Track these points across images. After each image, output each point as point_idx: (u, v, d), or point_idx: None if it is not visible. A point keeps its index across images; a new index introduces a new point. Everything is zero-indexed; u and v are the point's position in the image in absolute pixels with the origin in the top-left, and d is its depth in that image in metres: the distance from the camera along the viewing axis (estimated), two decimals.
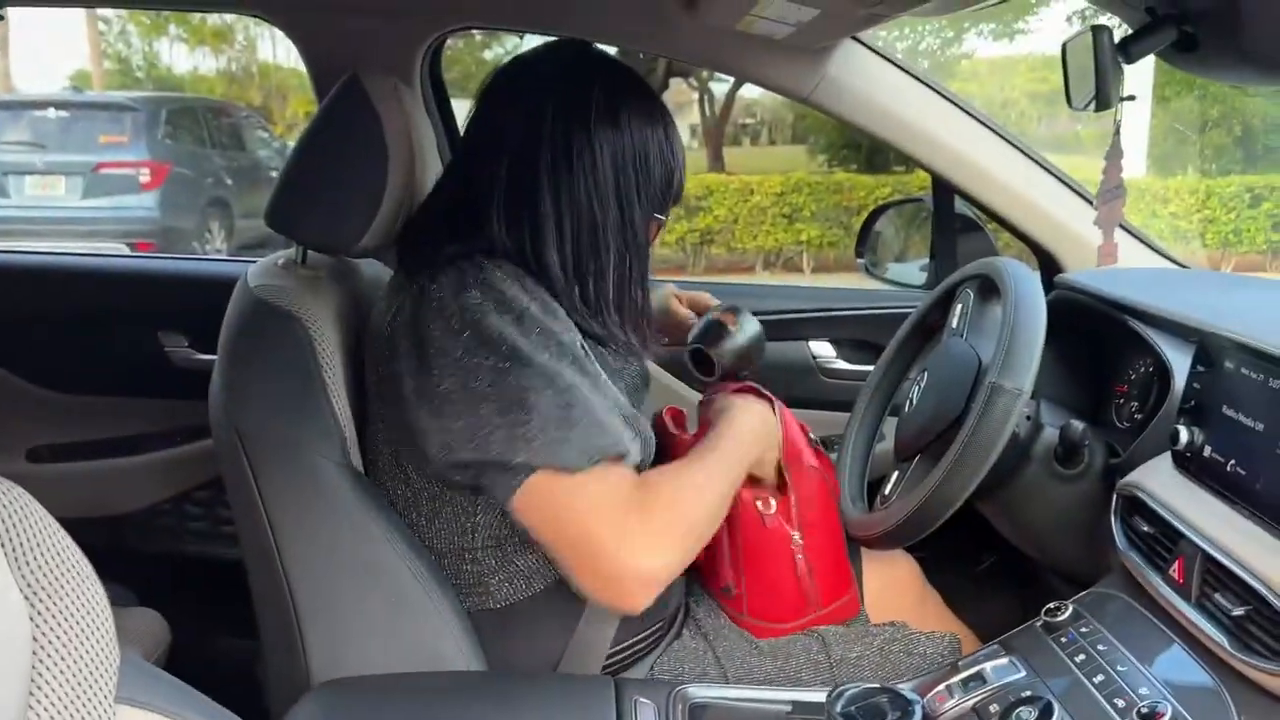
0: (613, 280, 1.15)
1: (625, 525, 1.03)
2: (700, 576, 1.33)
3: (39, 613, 0.65)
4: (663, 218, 1.21)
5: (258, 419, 1.12)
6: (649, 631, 1.22)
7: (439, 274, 1.08)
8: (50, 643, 0.65)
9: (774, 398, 1.31)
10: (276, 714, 1.10)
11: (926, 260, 1.89)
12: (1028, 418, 1.21)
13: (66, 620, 0.66)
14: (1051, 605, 1.08)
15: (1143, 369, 1.32)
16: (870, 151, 10.61)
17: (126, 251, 6.47)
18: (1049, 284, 1.44)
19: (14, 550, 0.64)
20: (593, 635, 1.16)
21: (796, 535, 1.25)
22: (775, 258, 9.26)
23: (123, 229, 7.52)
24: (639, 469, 1.11)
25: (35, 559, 0.66)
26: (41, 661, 0.64)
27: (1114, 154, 1.09)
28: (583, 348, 1.10)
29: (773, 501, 1.24)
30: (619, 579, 1.03)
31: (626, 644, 1.20)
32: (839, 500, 1.35)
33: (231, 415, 1.13)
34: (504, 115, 1.17)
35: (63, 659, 0.65)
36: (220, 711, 0.76)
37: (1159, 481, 1.07)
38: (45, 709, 0.63)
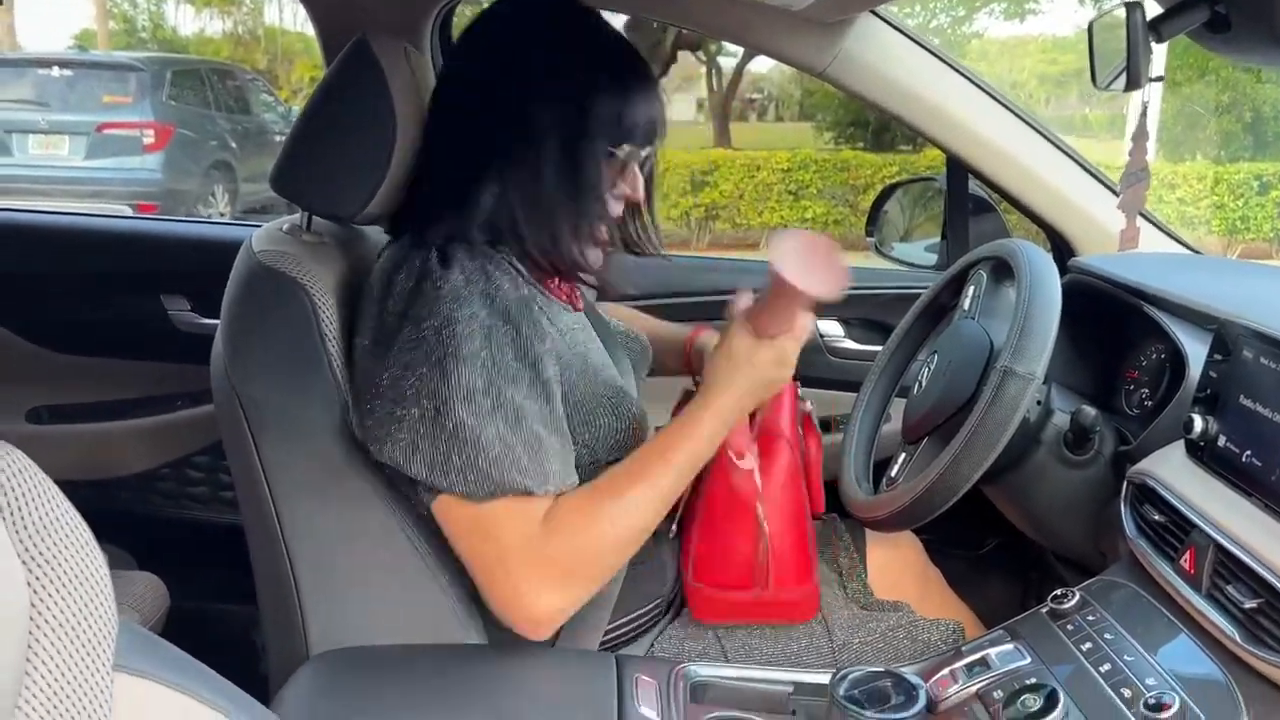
0: (566, 221, 1.11)
1: (517, 564, 1.03)
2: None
3: (36, 578, 0.63)
4: (620, 152, 1.13)
5: (259, 385, 1.11)
6: (648, 609, 1.21)
7: (408, 259, 1.07)
8: (48, 609, 0.63)
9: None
10: (275, 683, 1.09)
11: (937, 240, 1.87)
12: (1038, 402, 1.19)
13: (65, 587, 0.65)
14: (1058, 592, 1.07)
15: (1155, 355, 1.31)
16: (877, 130, 10.56)
17: (129, 213, 6.44)
18: (1062, 267, 1.42)
19: (12, 515, 0.63)
20: (590, 611, 1.15)
21: (760, 507, 1.20)
22: None
23: (126, 190, 7.48)
24: (620, 451, 1.13)
25: (33, 524, 0.64)
26: (39, 628, 0.63)
27: (1140, 136, 1.07)
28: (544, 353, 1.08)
29: (749, 459, 1.19)
30: (509, 614, 1.05)
31: (625, 621, 1.19)
32: (842, 482, 1.33)
33: (233, 381, 1.12)
34: (463, 74, 1.17)
35: (60, 627, 0.64)
36: (219, 681, 0.75)
37: (1171, 470, 1.06)
38: (41, 677, 0.62)
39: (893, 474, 1.28)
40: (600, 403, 1.14)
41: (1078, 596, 1.06)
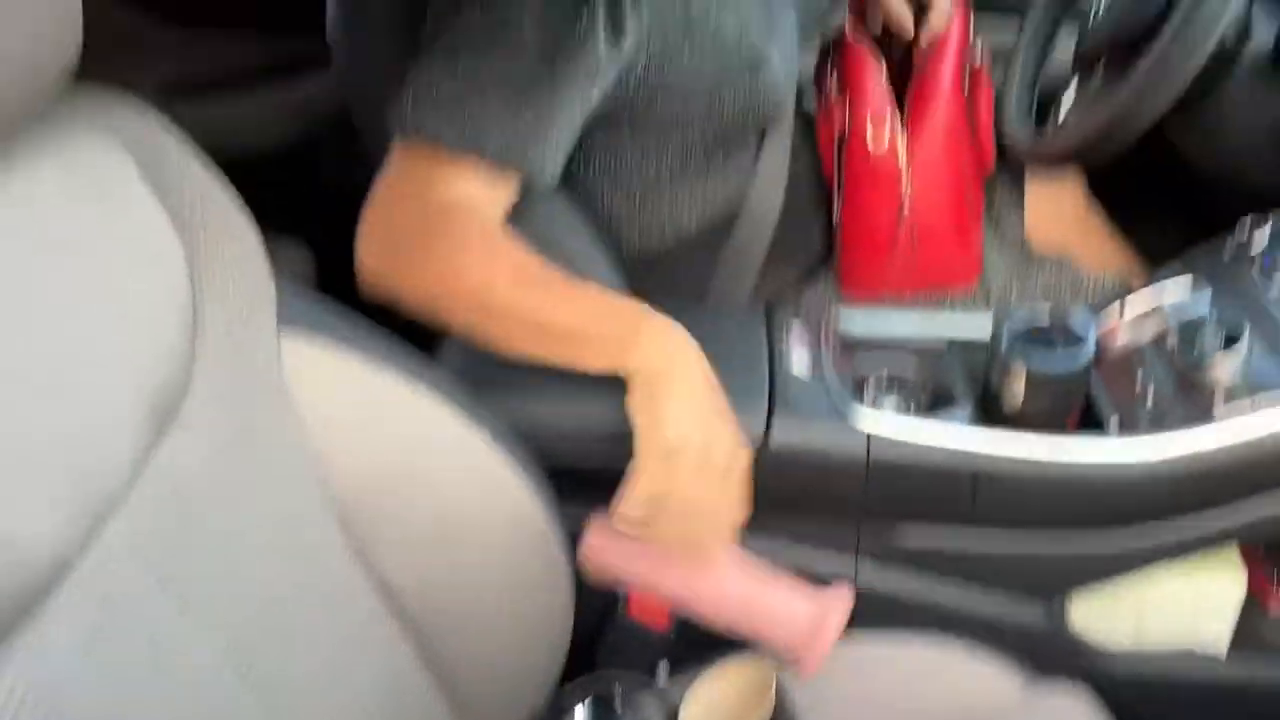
0: None
1: (397, 218, 0.88)
2: None
3: (189, 241, 0.63)
4: None
5: (376, 47, 1.05)
6: (797, 268, 1.17)
7: None
8: (205, 272, 0.63)
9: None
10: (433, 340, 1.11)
11: None
12: (1236, 19, 1.05)
13: (218, 249, 0.65)
14: (1245, 219, 0.99)
15: None
16: None
17: None
18: None
19: (159, 180, 0.62)
20: (732, 283, 1.12)
21: (907, 179, 1.12)
22: None
23: None
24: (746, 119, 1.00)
25: (181, 189, 0.63)
26: (200, 291, 0.63)
27: None
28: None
29: (886, 134, 1.11)
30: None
31: (774, 279, 1.16)
32: (1002, 116, 1.22)
33: (350, 45, 1.07)
34: None
35: (219, 288, 0.64)
36: (383, 336, 0.75)
37: None
38: (210, 340, 0.63)
39: (1064, 107, 1.17)
40: (716, 65, 0.97)
41: (1268, 228, 0.98)
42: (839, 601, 0.84)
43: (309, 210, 1.71)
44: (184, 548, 0.57)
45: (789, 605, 0.84)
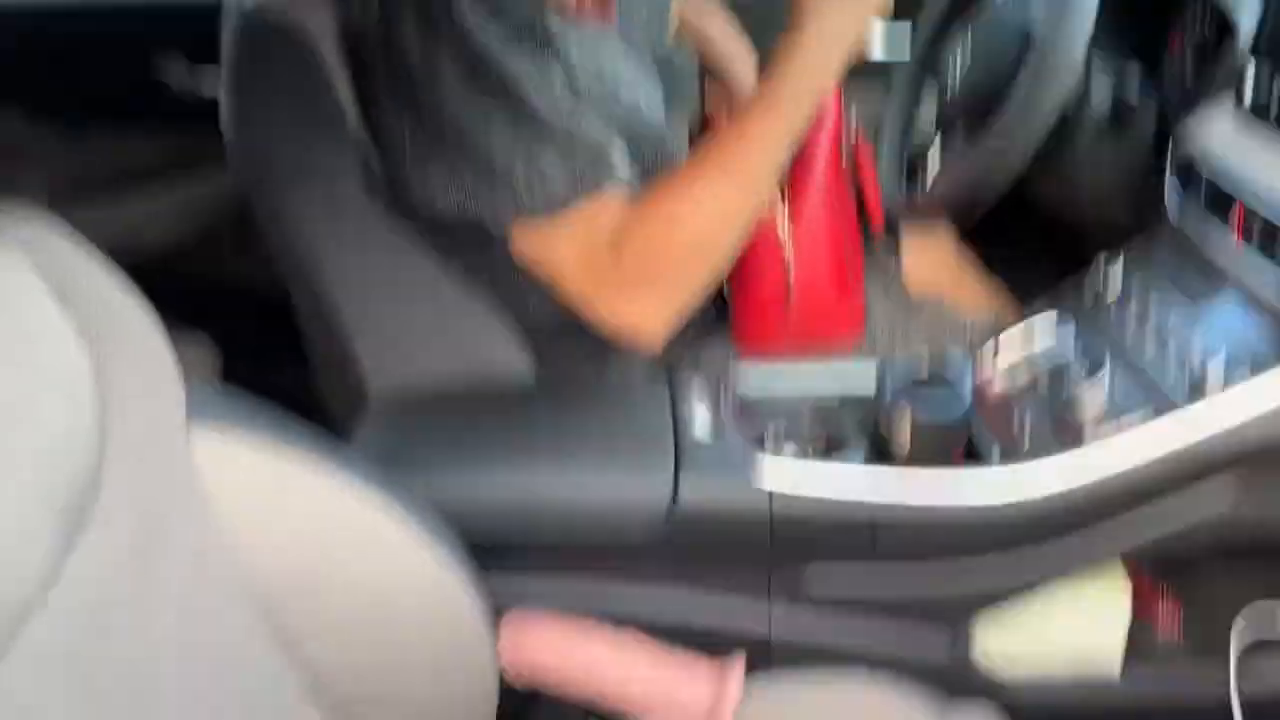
0: None
1: (601, 275, 0.98)
2: None
3: (95, 351, 0.64)
4: None
5: (274, 144, 1.08)
6: (691, 335, 1.22)
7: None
8: (113, 379, 0.64)
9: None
10: (339, 429, 1.12)
11: None
12: (1080, 79, 1.14)
13: (125, 354, 0.66)
14: (1099, 258, 1.07)
15: (1200, 22, 1.24)
16: None
17: None
18: None
19: (65, 291, 0.63)
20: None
21: (789, 248, 1.16)
22: None
23: None
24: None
25: (87, 298, 0.64)
26: (107, 397, 0.64)
27: None
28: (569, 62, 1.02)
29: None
30: (612, 327, 1.02)
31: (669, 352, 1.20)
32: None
33: (246, 143, 1.09)
34: None
35: (127, 393, 0.65)
36: (296, 426, 0.76)
37: (1218, 138, 1.03)
38: (120, 440, 0.64)
39: (930, 167, 1.25)
40: (616, 121, 1.06)
41: (1119, 264, 1.06)
42: (734, 677, 0.88)
43: (213, 307, 1.71)
44: (102, 655, 0.57)
45: (691, 686, 0.89)
